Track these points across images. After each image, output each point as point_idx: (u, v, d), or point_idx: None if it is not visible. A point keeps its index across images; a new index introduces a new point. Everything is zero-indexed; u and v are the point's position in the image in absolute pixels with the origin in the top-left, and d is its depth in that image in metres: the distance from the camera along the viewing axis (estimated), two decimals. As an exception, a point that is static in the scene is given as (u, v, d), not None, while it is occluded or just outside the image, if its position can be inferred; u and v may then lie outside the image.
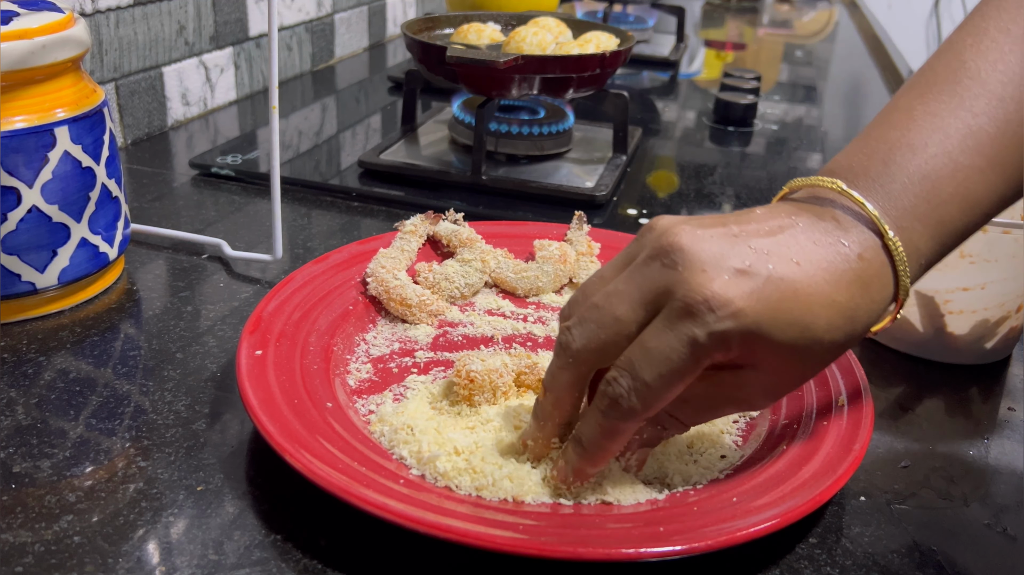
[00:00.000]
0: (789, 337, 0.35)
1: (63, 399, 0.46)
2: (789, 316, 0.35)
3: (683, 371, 0.35)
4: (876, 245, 0.37)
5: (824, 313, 0.36)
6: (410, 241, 0.59)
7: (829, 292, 0.36)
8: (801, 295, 0.35)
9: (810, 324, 0.35)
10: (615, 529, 0.36)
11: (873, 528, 0.40)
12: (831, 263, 0.36)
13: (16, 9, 0.52)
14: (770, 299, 0.35)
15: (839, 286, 0.36)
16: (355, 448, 0.40)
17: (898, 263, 0.37)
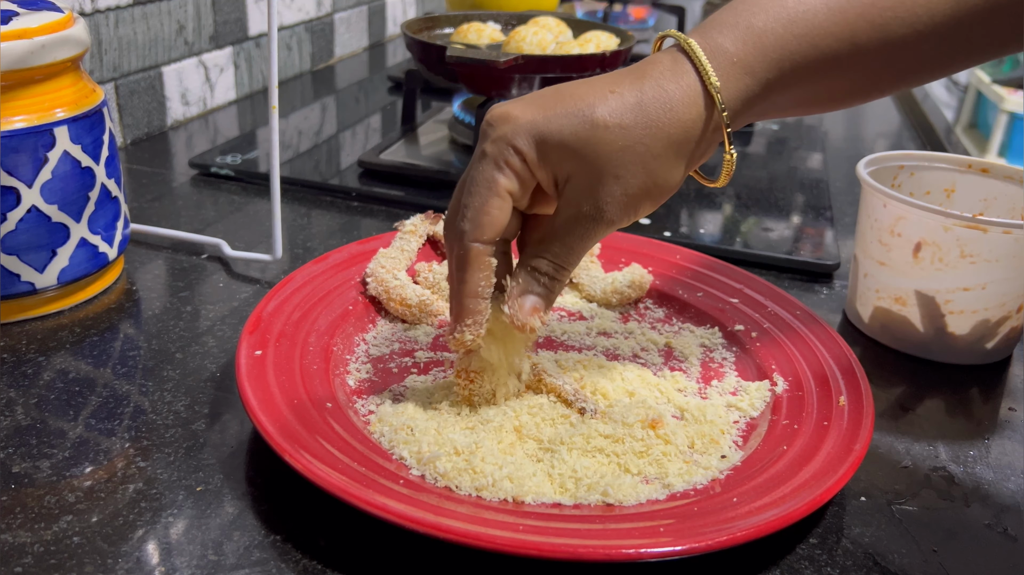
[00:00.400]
0: (569, 128, 0.38)
1: (62, 399, 0.46)
2: (563, 108, 0.39)
3: (489, 182, 0.39)
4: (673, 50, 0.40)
5: (600, 101, 0.38)
6: (410, 241, 0.59)
7: (604, 85, 0.39)
8: (575, 92, 0.39)
9: (586, 112, 0.38)
10: (615, 529, 0.36)
11: (873, 528, 0.40)
12: (617, 73, 0.40)
13: (16, 9, 0.51)
14: (545, 103, 0.39)
15: (617, 79, 0.39)
16: (355, 448, 0.40)
17: (691, 54, 0.39)
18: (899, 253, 0.53)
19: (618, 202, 0.39)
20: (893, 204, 0.53)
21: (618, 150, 0.38)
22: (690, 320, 0.56)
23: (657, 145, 0.39)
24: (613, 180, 0.39)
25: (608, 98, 0.39)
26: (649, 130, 0.38)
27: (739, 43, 0.39)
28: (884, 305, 0.55)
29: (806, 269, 0.65)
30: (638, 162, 0.39)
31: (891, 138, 1.05)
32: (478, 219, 0.39)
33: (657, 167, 0.39)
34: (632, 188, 0.39)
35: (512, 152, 0.39)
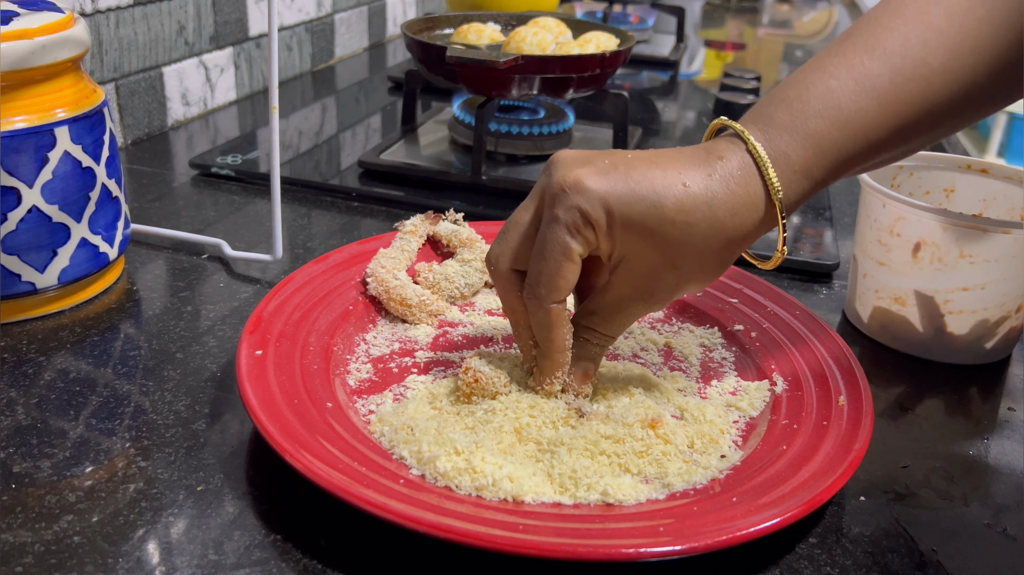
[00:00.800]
0: (639, 213, 0.40)
1: (63, 399, 0.46)
2: (636, 192, 0.40)
3: (563, 249, 0.41)
4: (740, 149, 0.41)
5: (671, 192, 0.40)
6: (410, 241, 0.59)
7: (677, 174, 0.40)
8: (649, 176, 0.40)
9: (656, 201, 0.40)
10: (615, 529, 0.36)
11: (873, 528, 0.40)
12: (686, 158, 0.41)
13: (16, 9, 0.52)
14: (619, 179, 0.40)
15: (689, 170, 0.41)
16: (355, 448, 0.40)
17: (759, 162, 0.41)
18: (898, 253, 0.53)
19: (670, 289, 0.42)
20: (892, 204, 0.53)
21: (681, 244, 0.40)
22: (690, 320, 0.56)
23: (717, 244, 0.41)
24: (671, 270, 0.41)
25: (679, 190, 0.40)
26: (713, 231, 0.40)
27: (800, 150, 0.41)
28: (883, 305, 0.55)
29: (805, 269, 0.65)
30: (697, 258, 0.41)
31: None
32: (555, 284, 0.42)
33: (712, 262, 0.42)
34: (685, 278, 0.42)
35: (585, 223, 0.41)
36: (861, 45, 0.42)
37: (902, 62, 0.41)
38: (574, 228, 0.41)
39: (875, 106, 0.41)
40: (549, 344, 0.44)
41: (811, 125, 0.41)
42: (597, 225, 0.40)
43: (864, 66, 0.41)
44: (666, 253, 0.41)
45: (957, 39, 0.41)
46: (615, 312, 0.44)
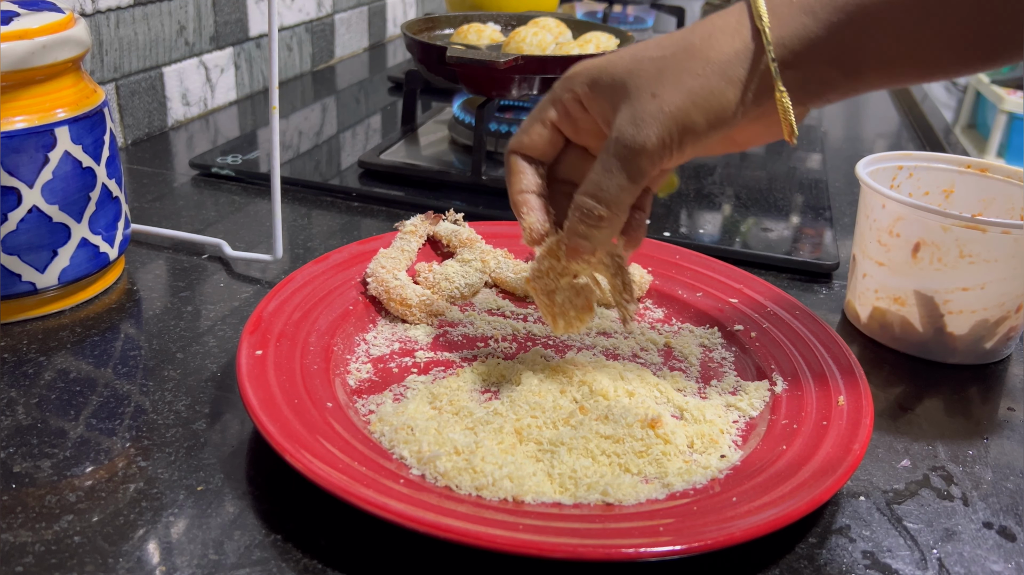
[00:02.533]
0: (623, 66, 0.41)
1: (63, 399, 0.46)
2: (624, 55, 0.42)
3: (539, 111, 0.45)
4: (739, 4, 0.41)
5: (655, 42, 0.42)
6: (410, 241, 0.59)
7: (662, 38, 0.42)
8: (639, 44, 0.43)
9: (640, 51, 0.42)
10: (615, 529, 0.36)
11: (872, 527, 0.40)
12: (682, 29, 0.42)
13: (16, 9, 0.52)
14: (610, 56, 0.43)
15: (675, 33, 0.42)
16: (355, 448, 0.40)
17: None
18: (898, 253, 0.53)
19: (655, 119, 0.40)
20: (892, 204, 0.53)
21: (655, 72, 0.40)
22: (689, 320, 0.56)
23: (695, 66, 0.40)
24: (649, 97, 0.40)
25: (662, 39, 0.42)
26: (687, 53, 0.40)
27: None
28: (883, 305, 0.55)
29: (805, 269, 0.65)
30: (673, 79, 0.40)
31: (890, 138, 1.05)
32: (520, 137, 0.46)
33: (697, 86, 0.39)
34: (669, 105, 0.39)
35: (567, 90, 0.44)
36: None
37: None
38: (557, 98, 0.44)
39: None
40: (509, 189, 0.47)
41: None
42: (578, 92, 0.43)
43: None
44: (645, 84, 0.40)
45: None
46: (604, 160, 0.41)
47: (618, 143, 0.41)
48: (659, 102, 0.40)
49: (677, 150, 0.40)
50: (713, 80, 0.39)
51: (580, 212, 0.43)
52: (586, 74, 0.43)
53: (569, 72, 0.44)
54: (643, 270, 0.58)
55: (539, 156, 0.46)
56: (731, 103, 0.39)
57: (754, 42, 0.39)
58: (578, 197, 0.43)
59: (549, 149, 0.46)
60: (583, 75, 0.43)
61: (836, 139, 1.01)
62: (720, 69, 0.39)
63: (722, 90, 0.39)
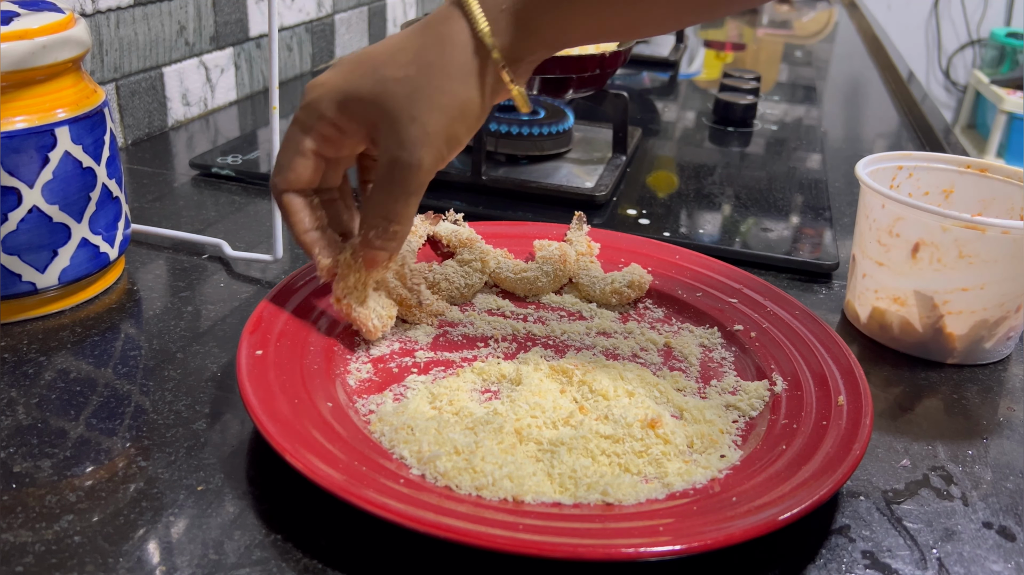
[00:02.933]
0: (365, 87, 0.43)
1: (64, 399, 0.46)
2: (359, 71, 0.44)
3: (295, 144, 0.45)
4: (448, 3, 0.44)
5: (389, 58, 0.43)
6: (410, 241, 0.59)
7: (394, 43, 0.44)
8: (371, 54, 0.44)
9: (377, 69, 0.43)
10: (615, 529, 0.36)
11: (872, 527, 0.41)
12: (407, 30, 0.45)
13: (16, 9, 0.52)
14: (346, 67, 0.45)
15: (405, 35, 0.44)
16: (355, 448, 0.40)
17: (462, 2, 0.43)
18: (897, 253, 0.53)
19: (421, 141, 0.43)
20: (892, 205, 0.53)
21: (407, 95, 0.43)
22: (689, 320, 0.56)
23: (439, 81, 0.43)
24: (410, 121, 0.43)
25: (396, 55, 0.44)
26: (430, 71, 0.43)
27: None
28: (882, 305, 0.55)
29: (805, 269, 0.65)
30: (427, 101, 0.43)
31: (890, 138, 1.05)
32: (284, 174, 0.46)
33: (447, 102, 0.43)
34: (431, 125, 0.43)
35: (316, 116, 0.45)
36: None
37: None
38: (310, 127, 0.45)
39: None
40: (292, 230, 0.48)
41: None
42: (328, 116, 0.44)
43: None
44: (401, 109, 0.43)
45: None
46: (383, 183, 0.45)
47: (393, 167, 0.44)
48: (420, 125, 0.43)
49: (447, 159, 0.45)
50: (461, 93, 0.43)
51: (374, 231, 0.46)
52: (329, 98, 0.44)
53: (307, 98, 0.45)
54: (642, 270, 0.58)
55: (307, 185, 0.47)
56: (479, 106, 0.44)
57: (478, 50, 0.43)
58: (369, 217, 0.46)
59: (315, 176, 0.47)
60: (326, 100, 0.44)
61: (836, 139, 1.01)
62: (462, 81, 0.43)
63: (470, 99, 0.44)
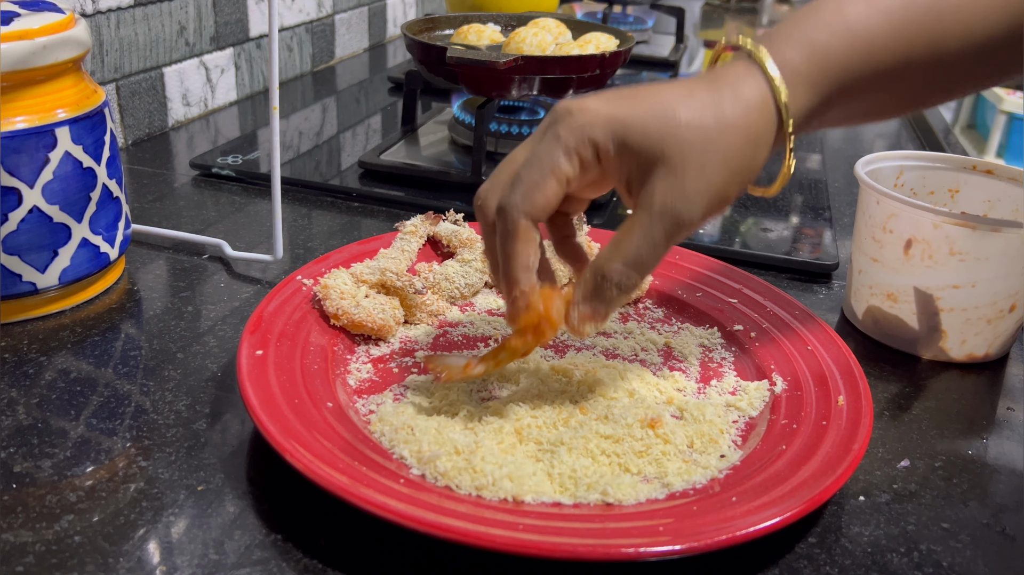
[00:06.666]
0: (653, 125, 0.39)
1: (64, 399, 0.46)
2: (644, 108, 0.40)
3: (553, 165, 0.40)
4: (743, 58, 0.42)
5: (680, 103, 0.40)
6: (410, 242, 0.59)
7: (681, 87, 0.41)
8: (654, 92, 0.40)
9: (668, 111, 0.39)
10: (615, 529, 0.36)
11: (872, 528, 0.41)
12: (690, 79, 0.42)
13: (17, 10, 0.52)
14: (624, 99, 0.40)
15: (692, 84, 0.41)
16: (355, 448, 0.40)
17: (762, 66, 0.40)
18: (891, 250, 0.53)
19: (702, 197, 0.40)
20: (885, 201, 0.53)
21: (700, 146, 0.39)
22: (689, 320, 0.56)
23: (737, 141, 0.40)
24: (698, 174, 0.39)
25: (687, 99, 0.40)
26: (730, 128, 0.40)
27: (803, 58, 0.41)
28: (876, 302, 0.55)
29: (805, 269, 0.66)
30: (722, 159, 0.40)
31: (889, 138, 1.05)
32: (532, 196, 0.40)
33: (739, 164, 0.40)
34: (716, 183, 0.40)
35: (586, 143, 0.40)
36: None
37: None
38: (573, 149, 0.40)
39: (884, 25, 0.41)
40: (509, 261, 0.41)
41: (816, 36, 0.41)
42: (602, 149, 0.40)
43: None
44: (689, 160, 0.39)
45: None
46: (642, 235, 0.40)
47: (666, 217, 0.40)
48: (707, 179, 0.39)
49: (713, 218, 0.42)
50: (749, 157, 0.40)
51: (609, 280, 0.41)
52: (606, 125, 0.40)
53: (575, 120, 0.40)
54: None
55: (545, 215, 0.41)
56: (756, 172, 0.41)
57: (777, 117, 0.41)
58: (613, 265, 0.40)
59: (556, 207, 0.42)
60: (600, 125, 0.40)
61: (836, 139, 1.01)
62: (755, 146, 0.40)
63: (754, 164, 0.41)
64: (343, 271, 0.53)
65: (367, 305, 0.50)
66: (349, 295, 0.51)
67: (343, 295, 0.50)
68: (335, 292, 0.50)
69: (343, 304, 0.50)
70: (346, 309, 0.50)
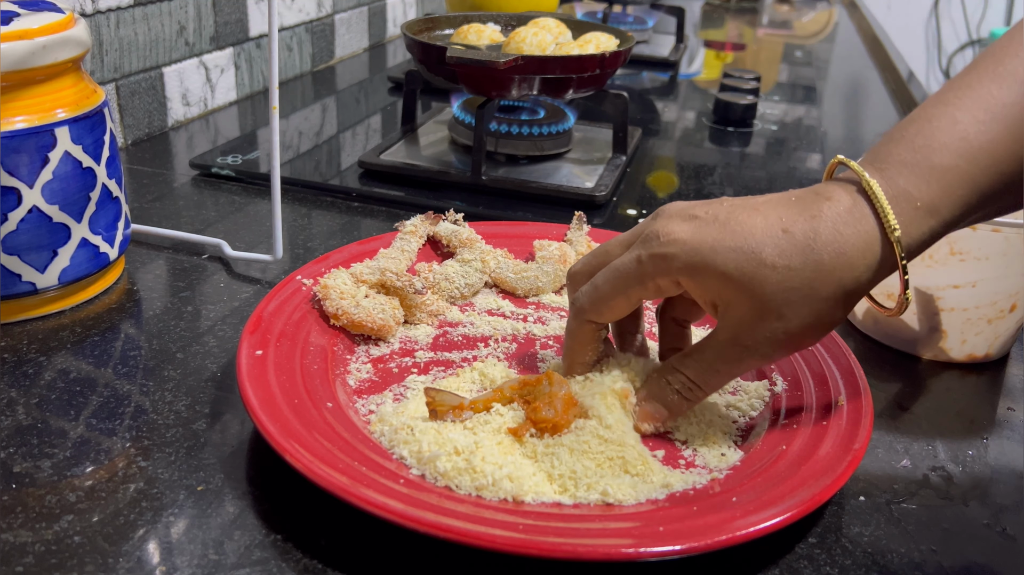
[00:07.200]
0: (734, 262, 0.38)
1: (63, 399, 0.46)
2: (731, 242, 0.38)
3: (626, 284, 0.41)
4: (852, 189, 0.39)
5: (770, 238, 0.38)
6: (410, 241, 0.59)
7: (778, 219, 0.38)
8: (747, 224, 0.39)
9: (754, 248, 0.38)
10: (615, 529, 0.36)
11: (872, 528, 0.41)
12: (792, 203, 0.39)
13: (16, 9, 0.52)
14: (712, 230, 0.39)
15: (792, 215, 0.38)
16: (355, 448, 0.40)
17: (874, 199, 0.38)
18: (895, 252, 0.53)
19: (777, 339, 0.39)
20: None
21: (783, 290, 0.38)
22: (689, 320, 0.56)
23: (826, 290, 0.38)
24: (775, 318, 0.39)
25: (779, 238, 0.38)
26: (818, 274, 0.38)
27: (923, 185, 0.38)
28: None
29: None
30: (803, 303, 0.38)
31: (890, 139, 1.04)
32: (599, 306, 0.42)
33: (824, 308, 0.38)
34: (794, 327, 0.39)
35: (662, 270, 0.40)
36: (987, 75, 0.39)
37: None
38: (649, 274, 0.40)
39: (1006, 134, 0.38)
40: (568, 352, 0.45)
41: (935, 159, 0.38)
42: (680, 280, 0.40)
43: (992, 95, 0.38)
44: (769, 301, 0.38)
45: None
46: (712, 358, 0.41)
47: (735, 349, 0.40)
48: (786, 324, 0.39)
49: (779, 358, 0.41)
50: (840, 302, 0.39)
51: (675, 386, 0.42)
52: (687, 260, 0.39)
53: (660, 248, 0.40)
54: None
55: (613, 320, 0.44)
56: (846, 315, 0.40)
57: (882, 253, 0.38)
58: (678, 376, 0.42)
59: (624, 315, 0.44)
60: (682, 259, 0.39)
61: (836, 139, 1.01)
62: (848, 291, 0.38)
63: (845, 308, 0.39)
64: (343, 271, 0.53)
65: (367, 305, 0.50)
66: (349, 295, 0.51)
67: (343, 295, 0.50)
68: (335, 292, 0.50)
69: (343, 304, 0.50)
70: (346, 309, 0.50)
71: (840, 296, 0.39)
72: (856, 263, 0.38)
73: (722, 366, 0.41)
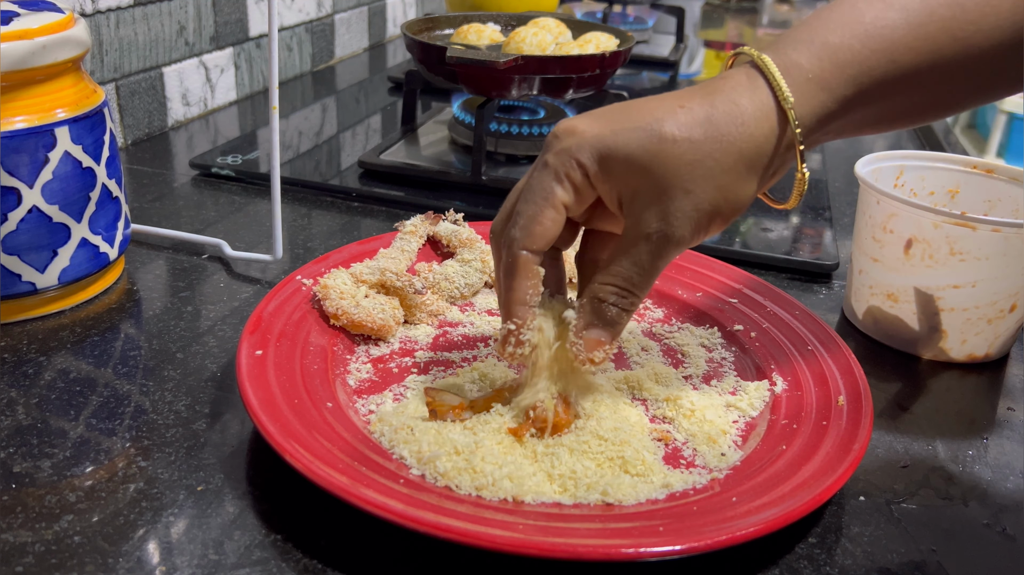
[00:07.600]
0: (636, 141, 0.38)
1: (63, 399, 0.46)
2: (630, 123, 0.38)
3: (545, 193, 0.39)
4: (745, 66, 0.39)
5: (670, 116, 0.38)
6: (410, 241, 0.59)
7: (674, 100, 0.39)
8: (644, 107, 0.39)
9: (654, 126, 0.38)
10: (615, 529, 0.36)
11: (873, 528, 0.41)
12: (688, 89, 0.40)
13: (16, 9, 0.52)
14: (612, 116, 0.39)
15: (687, 94, 0.39)
16: (355, 448, 0.40)
17: (764, 70, 0.39)
18: (891, 250, 0.53)
19: (688, 217, 0.38)
20: (885, 201, 0.53)
21: (687, 164, 0.38)
22: (689, 320, 0.56)
23: (727, 159, 0.38)
24: (683, 194, 0.38)
25: (677, 112, 0.38)
26: (719, 144, 0.38)
27: (814, 59, 0.39)
28: (876, 302, 0.55)
29: (805, 269, 0.65)
30: (708, 176, 0.38)
31: (890, 138, 1.05)
32: (530, 228, 0.40)
33: (728, 182, 0.38)
34: (703, 203, 0.38)
35: (574, 165, 0.39)
36: None
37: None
38: (562, 172, 0.39)
39: (903, 22, 0.38)
40: (509, 294, 0.41)
41: (829, 37, 0.39)
42: (588, 170, 0.39)
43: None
44: (675, 177, 0.38)
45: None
46: (632, 255, 0.40)
47: (651, 239, 0.39)
48: (694, 199, 0.38)
49: (707, 237, 0.40)
50: (744, 174, 0.39)
51: (607, 302, 0.40)
52: (590, 147, 0.39)
53: (561, 144, 0.39)
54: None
55: (548, 246, 0.41)
56: (754, 190, 0.40)
57: (779, 126, 0.39)
58: (607, 288, 0.40)
59: (565, 235, 0.42)
60: (586, 148, 0.39)
61: (836, 139, 1.00)
62: (750, 161, 0.39)
63: (750, 181, 0.39)
64: (343, 271, 0.53)
65: (367, 305, 0.50)
66: (349, 295, 0.51)
67: (343, 295, 0.50)
68: (335, 292, 0.50)
69: (343, 304, 0.50)
70: (346, 309, 0.50)
71: (743, 167, 0.39)
72: (754, 132, 0.38)
73: (646, 260, 0.39)
